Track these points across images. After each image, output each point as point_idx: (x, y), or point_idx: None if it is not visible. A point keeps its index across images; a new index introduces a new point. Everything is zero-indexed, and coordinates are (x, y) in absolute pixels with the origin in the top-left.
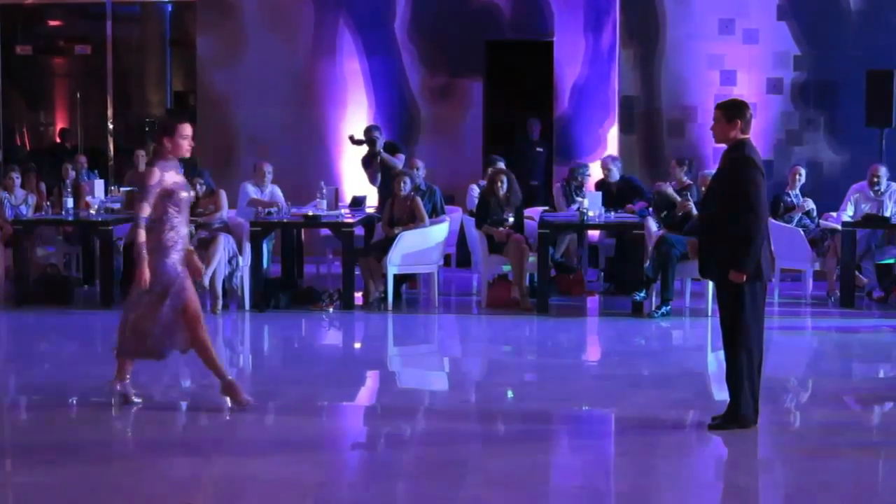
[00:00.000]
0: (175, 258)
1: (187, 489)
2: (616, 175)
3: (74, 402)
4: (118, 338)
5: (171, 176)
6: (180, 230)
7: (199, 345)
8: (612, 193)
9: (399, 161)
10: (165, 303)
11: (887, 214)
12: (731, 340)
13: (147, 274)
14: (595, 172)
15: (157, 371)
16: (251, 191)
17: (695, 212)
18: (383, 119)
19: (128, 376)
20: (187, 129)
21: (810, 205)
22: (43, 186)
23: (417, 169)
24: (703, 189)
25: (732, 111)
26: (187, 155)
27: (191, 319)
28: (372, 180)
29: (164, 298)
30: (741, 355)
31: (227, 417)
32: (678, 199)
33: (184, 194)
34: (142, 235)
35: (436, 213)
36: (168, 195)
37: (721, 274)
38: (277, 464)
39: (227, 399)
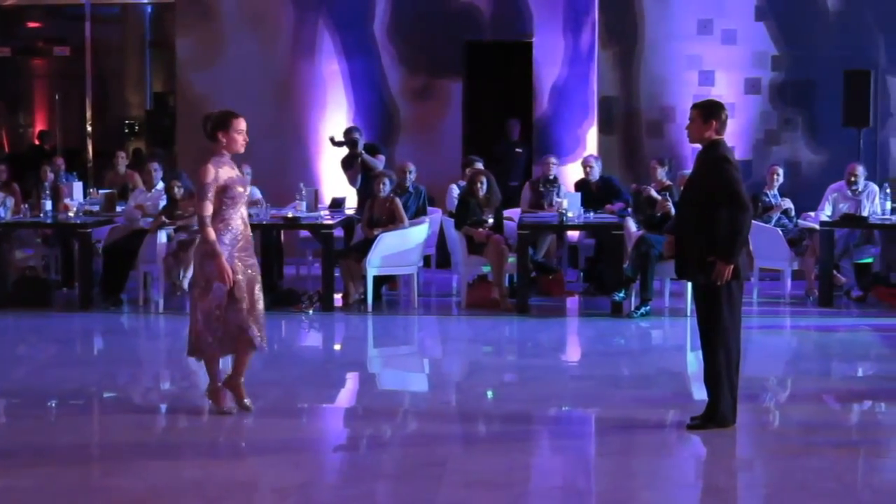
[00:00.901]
0: (227, 253)
1: (166, 492)
2: (596, 174)
3: (53, 404)
4: (190, 339)
5: (225, 171)
6: (234, 225)
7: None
8: (592, 193)
9: (380, 162)
10: (244, 297)
11: (865, 214)
12: (710, 340)
13: (229, 270)
14: (575, 172)
15: (136, 373)
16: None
17: (674, 212)
18: (363, 120)
19: (220, 382)
20: (242, 124)
21: (788, 204)
22: (16, 187)
23: (410, 172)
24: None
25: (709, 111)
26: (241, 150)
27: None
28: (352, 182)
29: (242, 293)
30: (719, 355)
31: (206, 419)
32: (658, 198)
33: (240, 189)
34: (211, 234)
35: (423, 214)
36: (224, 191)
37: (698, 273)
38: (257, 465)
39: (211, 402)
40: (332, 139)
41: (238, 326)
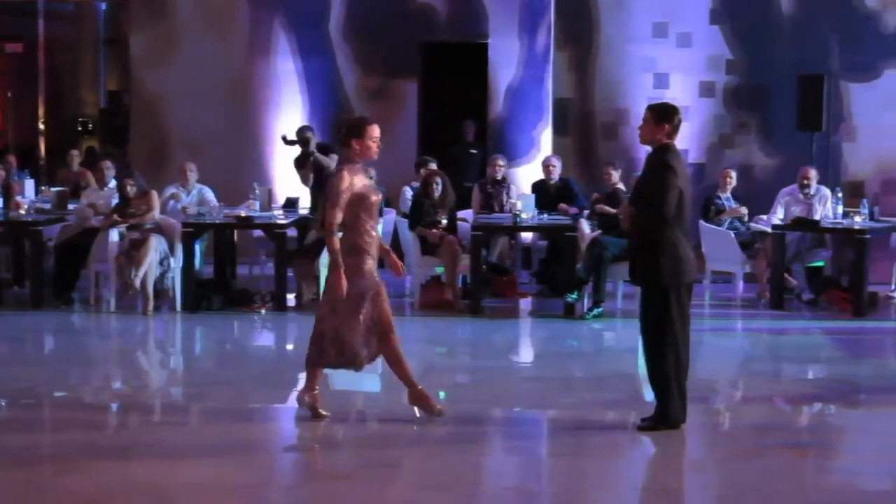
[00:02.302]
0: (370, 264)
1: (117, 492)
2: (556, 175)
3: (3, 403)
4: (312, 349)
5: (360, 180)
6: (373, 234)
7: (392, 354)
8: (550, 195)
9: (332, 161)
10: (363, 311)
11: (817, 217)
12: (658, 342)
13: (344, 283)
14: (529, 173)
15: (87, 372)
16: (171, 192)
17: None
18: (318, 120)
19: (317, 388)
20: (376, 131)
21: (744, 210)
22: None
23: (371, 178)
24: None
25: (662, 114)
26: (374, 157)
27: (384, 328)
28: (304, 181)
29: (362, 306)
30: (668, 357)
31: (157, 419)
32: (612, 212)
33: (374, 198)
34: (336, 243)
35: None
36: (359, 199)
37: (645, 276)
38: (209, 466)
39: (417, 409)
40: (283, 138)
41: (348, 342)
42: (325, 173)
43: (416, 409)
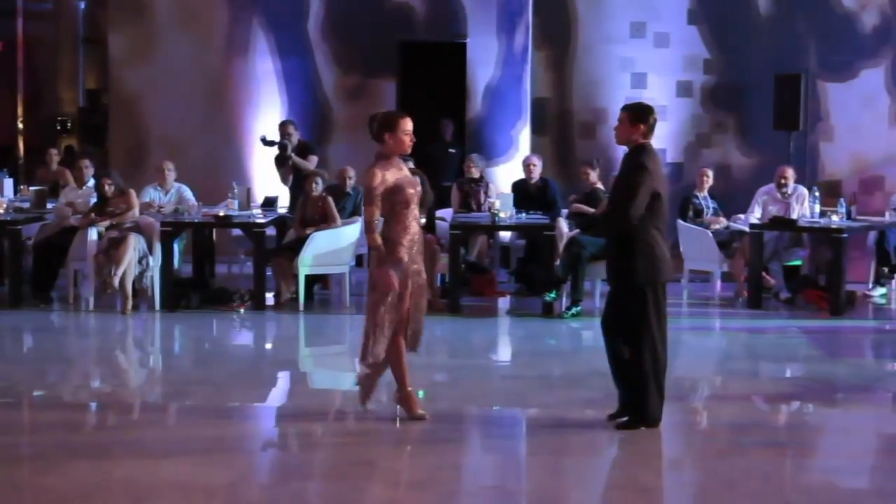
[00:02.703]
0: (405, 256)
1: (95, 491)
2: (537, 175)
3: None
4: (376, 347)
5: (392, 173)
6: (411, 227)
7: (396, 349)
8: (530, 194)
9: (311, 163)
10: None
11: (794, 217)
12: (636, 341)
13: (393, 278)
14: (508, 172)
15: (66, 371)
16: (151, 193)
17: None
18: (297, 119)
19: (409, 386)
20: (409, 125)
21: (723, 221)
22: None
23: (350, 178)
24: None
25: (637, 115)
26: (408, 151)
27: (399, 324)
28: (284, 180)
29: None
30: (646, 356)
31: (136, 418)
32: (590, 211)
33: (410, 190)
34: (377, 239)
35: (357, 214)
36: (393, 192)
37: (622, 276)
38: (187, 464)
39: (399, 408)
40: (263, 139)
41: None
42: (305, 173)
43: (399, 408)
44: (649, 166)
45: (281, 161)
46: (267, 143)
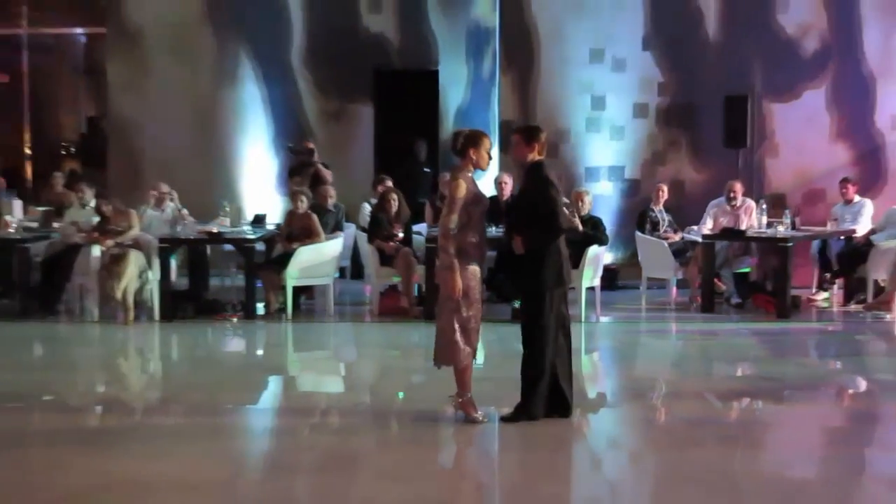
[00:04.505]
0: (473, 267)
1: (91, 489)
2: (508, 192)
3: None
4: (443, 351)
5: (472, 186)
6: (482, 238)
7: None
8: (501, 210)
9: (328, 174)
10: (461, 311)
11: (743, 227)
12: (533, 342)
13: (460, 283)
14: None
15: (71, 377)
16: (149, 214)
17: (580, 226)
18: (282, 141)
19: (469, 393)
20: (489, 143)
21: (678, 237)
22: None
23: (331, 197)
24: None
25: (529, 135)
26: (487, 168)
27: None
28: (295, 186)
29: (461, 306)
30: (546, 356)
31: (137, 420)
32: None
33: (486, 202)
34: (451, 245)
35: (339, 230)
36: (474, 203)
37: (524, 282)
38: (183, 462)
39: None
40: (290, 148)
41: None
42: (292, 192)
43: (456, 411)
44: (553, 180)
45: (299, 170)
46: (295, 151)
